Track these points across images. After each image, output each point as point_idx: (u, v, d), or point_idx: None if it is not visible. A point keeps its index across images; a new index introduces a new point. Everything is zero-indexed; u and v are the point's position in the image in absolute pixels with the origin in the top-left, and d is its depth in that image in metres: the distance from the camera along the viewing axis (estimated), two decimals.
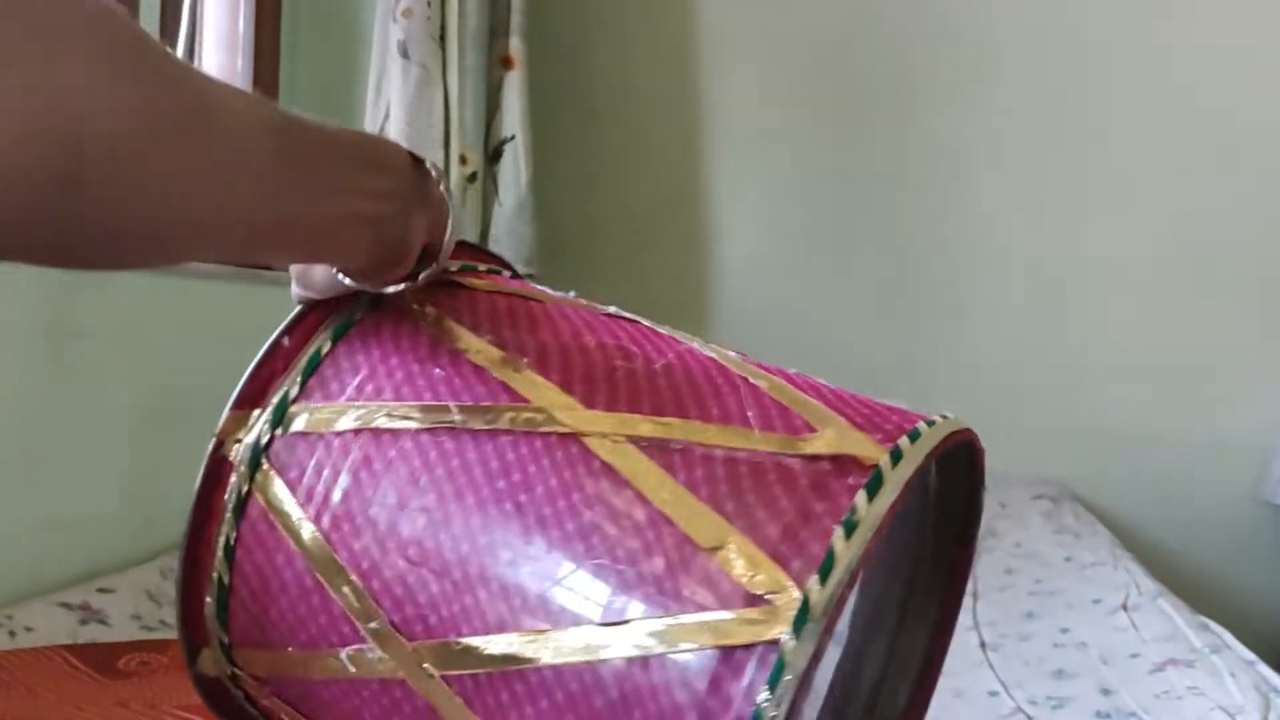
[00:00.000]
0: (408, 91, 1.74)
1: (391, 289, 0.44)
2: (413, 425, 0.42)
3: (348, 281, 0.44)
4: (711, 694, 0.34)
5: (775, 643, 0.34)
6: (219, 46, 1.73)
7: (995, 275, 2.00)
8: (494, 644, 0.38)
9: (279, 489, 0.43)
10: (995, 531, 1.64)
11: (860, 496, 0.36)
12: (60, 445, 1.15)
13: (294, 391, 0.44)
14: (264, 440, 0.43)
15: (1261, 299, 1.87)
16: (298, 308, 0.46)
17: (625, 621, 0.36)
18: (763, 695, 0.33)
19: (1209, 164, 1.88)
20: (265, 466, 0.43)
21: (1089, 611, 1.29)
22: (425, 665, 0.39)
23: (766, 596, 0.35)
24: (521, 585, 0.38)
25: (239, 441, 0.44)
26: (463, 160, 1.80)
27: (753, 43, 2.11)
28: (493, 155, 1.89)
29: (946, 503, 0.51)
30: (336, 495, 0.42)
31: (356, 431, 0.42)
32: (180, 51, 1.53)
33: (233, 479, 0.43)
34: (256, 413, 0.44)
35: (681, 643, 0.35)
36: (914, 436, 0.39)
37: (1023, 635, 1.23)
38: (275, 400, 0.44)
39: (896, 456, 0.38)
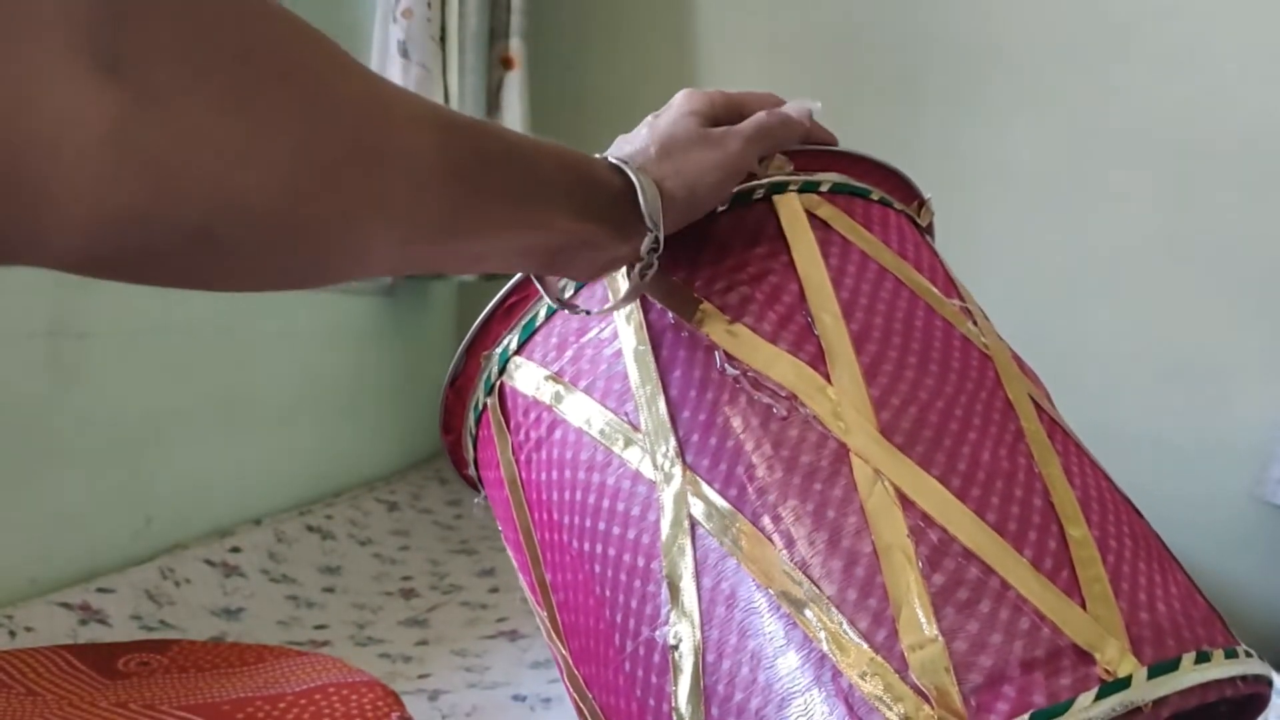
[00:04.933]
0: None
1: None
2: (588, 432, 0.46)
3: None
4: None
5: None
6: None
7: (994, 275, 2.00)
8: None
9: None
10: None
11: (1084, 698, 0.34)
12: (60, 445, 1.15)
13: (514, 345, 0.51)
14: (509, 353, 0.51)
15: (1261, 299, 1.87)
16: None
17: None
18: None
19: (1209, 164, 1.88)
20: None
21: None
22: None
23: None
24: None
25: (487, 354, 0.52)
26: None
27: (752, 44, 2.11)
28: None
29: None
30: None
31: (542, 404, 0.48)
32: None
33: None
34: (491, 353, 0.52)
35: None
36: (1202, 658, 0.36)
37: None
38: (499, 348, 0.51)
39: (1156, 671, 0.35)
